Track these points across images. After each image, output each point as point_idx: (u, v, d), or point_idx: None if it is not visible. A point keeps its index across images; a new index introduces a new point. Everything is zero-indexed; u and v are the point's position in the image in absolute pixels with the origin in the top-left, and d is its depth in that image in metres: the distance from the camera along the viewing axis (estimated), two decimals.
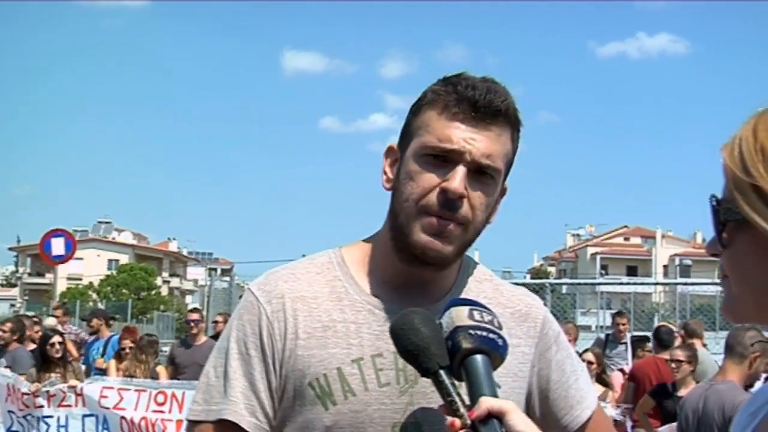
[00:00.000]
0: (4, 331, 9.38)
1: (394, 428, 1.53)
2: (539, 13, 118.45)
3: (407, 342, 1.36)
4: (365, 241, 1.69)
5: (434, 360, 1.33)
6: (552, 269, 74.04)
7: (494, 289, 1.70)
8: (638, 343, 9.96)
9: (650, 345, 9.17)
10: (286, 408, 1.56)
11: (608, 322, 14.64)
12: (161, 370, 8.79)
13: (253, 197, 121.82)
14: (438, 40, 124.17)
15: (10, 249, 70.98)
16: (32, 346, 9.91)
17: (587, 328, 19.52)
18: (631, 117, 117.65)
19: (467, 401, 1.30)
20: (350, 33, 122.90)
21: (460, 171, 1.50)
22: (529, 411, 1.64)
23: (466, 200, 1.51)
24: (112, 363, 9.04)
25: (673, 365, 6.62)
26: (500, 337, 1.37)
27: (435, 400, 1.51)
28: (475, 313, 1.37)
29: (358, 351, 1.55)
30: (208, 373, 1.62)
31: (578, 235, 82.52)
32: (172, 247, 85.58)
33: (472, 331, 1.34)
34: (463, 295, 1.63)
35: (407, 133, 1.59)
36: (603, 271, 63.82)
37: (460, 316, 1.36)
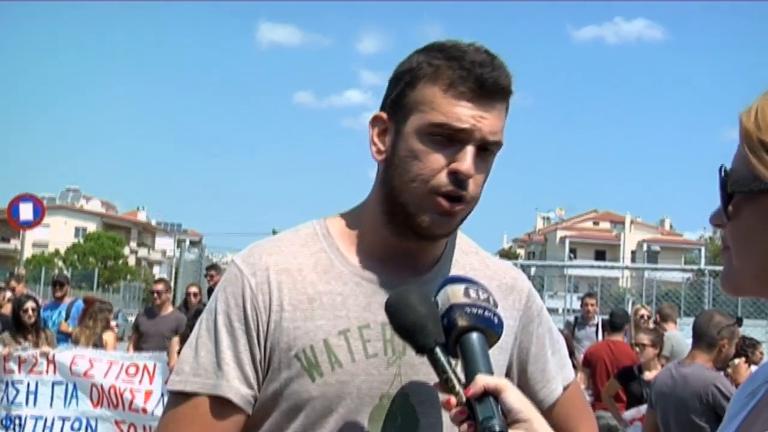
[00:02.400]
0: None
1: (383, 399, 1.53)
2: None
3: (403, 320, 1.36)
4: (349, 212, 1.68)
5: (430, 338, 1.33)
6: (521, 251, 74.51)
7: (480, 261, 1.71)
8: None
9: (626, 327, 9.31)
10: (272, 381, 1.55)
11: (576, 305, 14.75)
12: (109, 338, 8.70)
13: (224, 169, 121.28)
14: (415, 16, 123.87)
15: None
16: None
17: (555, 310, 19.66)
18: (606, 102, 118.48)
19: (463, 379, 1.31)
20: (327, 6, 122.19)
21: (470, 151, 1.49)
22: None
23: (472, 179, 1.51)
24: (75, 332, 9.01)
25: (637, 349, 6.71)
26: (496, 315, 1.37)
27: (423, 372, 1.52)
28: (471, 291, 1.37)
29: (345, 322, 1.55)
30: (192, 344, 1.59)
31: (548, 218, 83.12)
32: (141, 216, 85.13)
33: (468, 309, 1.34)
34: (450, 268, 1.64)
35: (403, 106, 1.54)
36: (572, 255, 64.40)
37: (455, 293, 1.36)
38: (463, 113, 1.49)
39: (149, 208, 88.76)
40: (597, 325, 10.26)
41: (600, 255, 68.07)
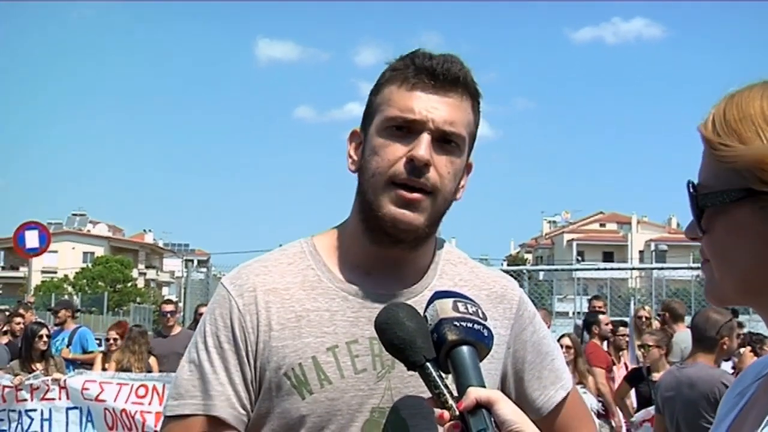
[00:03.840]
0: None
1: (374, 413, 1.55)
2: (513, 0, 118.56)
3: (393, 336, 1.37)
4: (335, 228, 1.70)
5: (420, 353, 1.35)
6: (529, 256, 74.33)
7: (470, 271, 1.72)
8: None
9: (624, 330, 9.29)
10: (264, 399, 1.57)
11: (585, 308, 14.70)
12: (153, 362, 8.67)
13: (228, 187, 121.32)
14: (412, 27, 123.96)
15: None
16: (5, 340, 9.83)
17: (564, 314, 19.61)
18: (607, 102, 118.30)
19: (455, 392, 1.32)
20: (324, 21, 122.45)
21: (425, 138, 1.52)
22: (504, 392, 1.65)
23: (433, 168, 1.53)
24: (99, 356, 8.94)
25: (642, 350, 6.72)
26: (485, 327, 1.38)
27: (413, 385, 1.54)
28: (460, 304, 1.39)
29: (333, 339, 1.57)
30: (184, 368, 1.63)
31: (554, 221, 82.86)
32: (148, 238, 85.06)
33: (457, 323, 1.35)
34: (438, 278, 1.65)
35: (369, 114, 1.61)
36: (579, 258, 64.05)
37: (444, 308, 1.38)
38: (416, 104, 1.53)
39: (156, 230, 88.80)
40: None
41: (608, 256, 67.79)
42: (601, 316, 9.10)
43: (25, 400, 7.19)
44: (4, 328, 10.33)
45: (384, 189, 1.53)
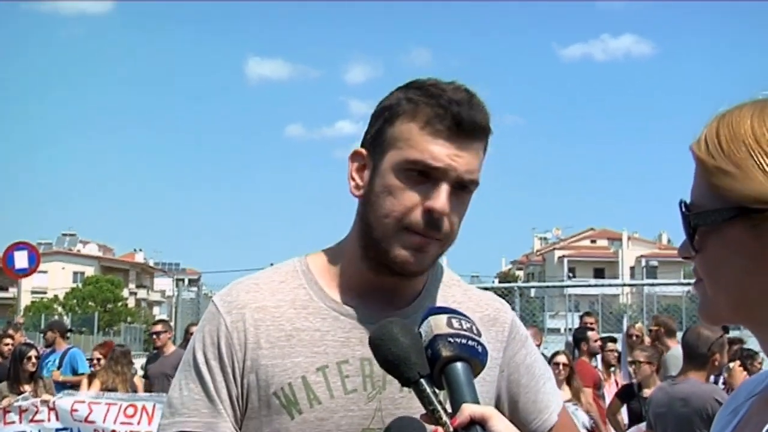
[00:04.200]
0: None
1: None
2: (502, 16, 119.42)
3: (387, 352, 1.36)
4: (331, 248, 1.69)
5: (415, 369, 1.34)
6: (520, 273, 74.38)
7: (463, 293, 1.71)
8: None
9: (613, 346, 9.30)
10: (253, 418, 1.56)
11: (577, 324, 14.75)
12: (138, 381, 8.69)
13: (219, 206, 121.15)
14: (402, 43, 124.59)
15: None
16: None
17: (556, 330, 19.65)
18: (597, 119, 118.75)
19: (449, 409, 1.31)
20: (314, 39, 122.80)
21: (445, 190, 1.50)
22: None
23: (447, 217, 1.52)
24: (85, 378, 8.91)
25: (633, 366, 6.72)
26: (479, 344, 1.38)
27: (404, 406, 1.53)
28: (454, 321, 1.38)
29: (323, 359, 1.55)
30: (174, 386, 1.63)
31: (545, 238, 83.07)
32: (139, 258, 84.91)
33: (451, 339, 1.34)
34: (431, 301, 1.64)
35: (381, 142, 1.56)
36: (570, 274, 64.28)
37: (438, 324, 1.37)
38: (439, 151, 1.50)
39: (146, 249, 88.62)
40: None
41: (599, 273, 68.00)
42: (589, 333, 9.11)
43: (14, 422, 7.14)
44: None
45: (396, 233, 1.52)
